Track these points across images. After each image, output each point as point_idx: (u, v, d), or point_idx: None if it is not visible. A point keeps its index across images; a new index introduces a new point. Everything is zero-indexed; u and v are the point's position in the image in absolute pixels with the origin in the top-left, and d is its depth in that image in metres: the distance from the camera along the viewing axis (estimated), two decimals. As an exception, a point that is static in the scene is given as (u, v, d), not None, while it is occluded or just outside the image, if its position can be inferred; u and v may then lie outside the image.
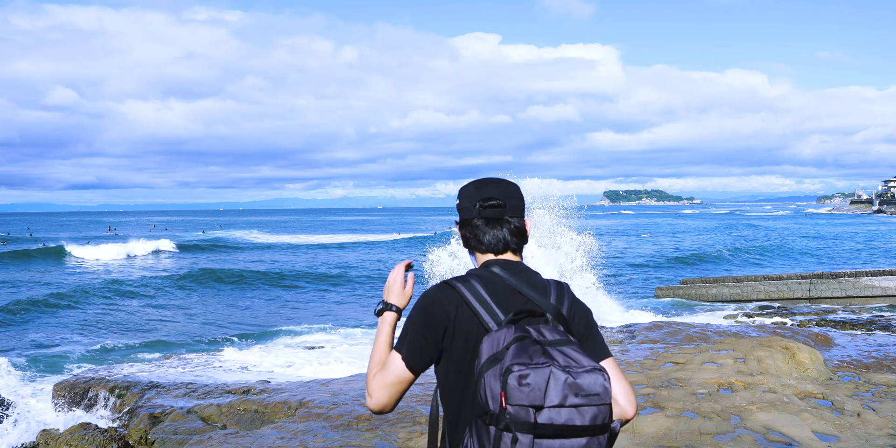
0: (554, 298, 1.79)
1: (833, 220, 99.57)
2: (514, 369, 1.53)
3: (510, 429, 1.51)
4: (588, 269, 15.48)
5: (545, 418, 1.51)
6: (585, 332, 1.81)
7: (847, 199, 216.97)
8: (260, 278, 28.30)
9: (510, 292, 1.77)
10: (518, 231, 1.88)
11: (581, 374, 1.55)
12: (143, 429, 7.18)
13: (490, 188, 1.88)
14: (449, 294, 1.77)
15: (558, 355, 1.58)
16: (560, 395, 1.52)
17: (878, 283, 19.44)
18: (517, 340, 1.59)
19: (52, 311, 19.26)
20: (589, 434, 1.54)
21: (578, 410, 1.53)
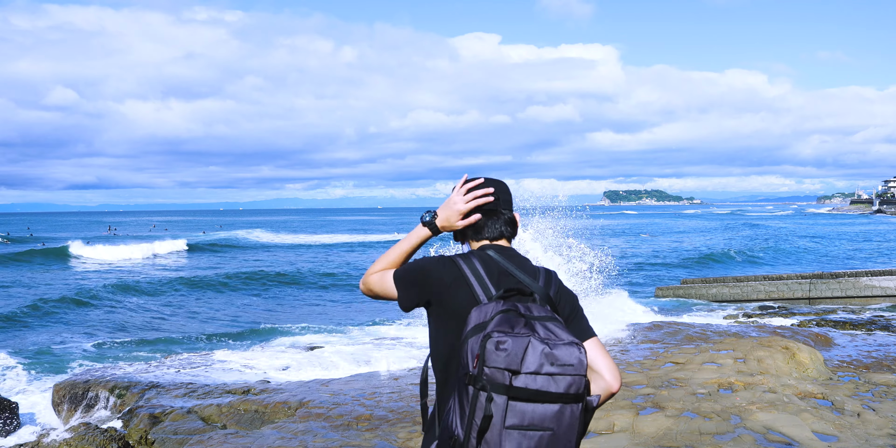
0: (543, 282, 1.96)
1: (841, 219, 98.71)
2: (493, 335, 1.69)
3: (486, 389, 1.66)
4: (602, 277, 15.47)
5: (521, 382, 1.66)
6: (571, 314, 1.98)
7: (847, 199, 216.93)
8: (262, 278, 28.30)
9: (503, 273, 1.94)
10: (510, 221, 2.08)
11: (559, 345, 1.70)
12: (143, 429, 7.18)
13: (484, 184, 2.07)
14: (448, 266, 1.96)
15: (540, 328, 1.74)
16: (537, 363, 1.66)
17: (878, 283, 19.44)
18: (502, 312, 1.76)
19: (53, 311, 19.26)
20: (562, 401, 1.68)
21: (553, 379, 1.67)
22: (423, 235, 2.08)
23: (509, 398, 1.66)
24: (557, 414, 1.69)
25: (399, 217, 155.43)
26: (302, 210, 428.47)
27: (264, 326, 16.68)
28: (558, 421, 1.69)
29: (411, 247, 2.08)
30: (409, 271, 1.99)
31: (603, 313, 14.67)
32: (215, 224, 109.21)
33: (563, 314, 1.94)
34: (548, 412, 1.68)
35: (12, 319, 17.42)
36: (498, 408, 1.66)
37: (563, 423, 1.70)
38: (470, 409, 1.68)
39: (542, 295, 1.89)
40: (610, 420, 6.57)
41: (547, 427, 1.68)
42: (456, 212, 2.02)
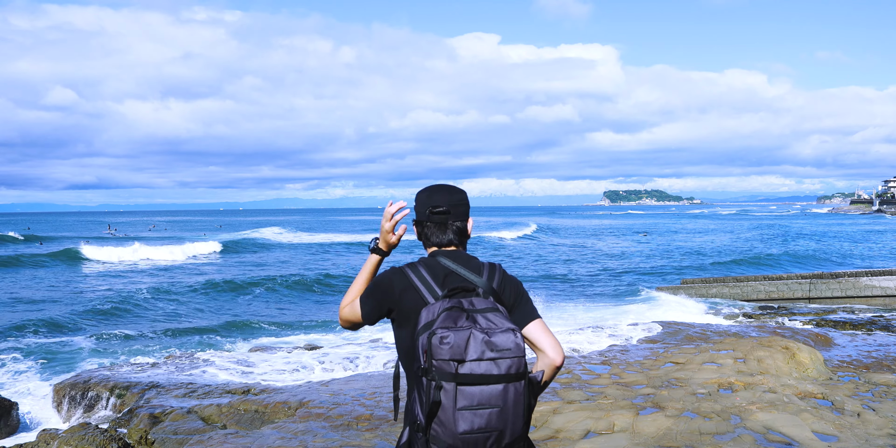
0: (486, 276, 2.21)
1: (855, 220, 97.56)
2: (437, 332, 1.96)
3: (435, 379, 1.93)
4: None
5: (466, 369, 1.93)
6: (515, 300, 2.23)
7: (847, 199, 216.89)
8: (267, 278, 28.29)
9: (448, 274, 2.20)
10: (459, 231, 2.32)
11: (496, 333, 1.97)
12: (143, 429, 7.18)
13: (439, 197, 2.31)
14: (397, 276, 2.22)
15: (481, 320, 2.01)
16: (478, 351, 1.93)
17: (878, 283, 19.44)
18: (447, 310, 2.02)
19: (55, 311, 19.26)
20: (505, 381, 1.95)
21: (495, 363, 1.94)
22: (375, 261, 2.40)
23: (458, 384, 1.93)
24: (502, 392, 1.95)
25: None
26: (302, 210, 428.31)
27: (266, 326, 16.68)
28: (504, 398, 1.95)
29: (368, 273, 2.38)
30: (368, 290, 2.29)
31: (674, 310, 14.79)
32: (214, 224, 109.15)
33: (507, 302, 2.20)
34: (494, 392, 1.94)
35: (13, 320, 17.43)
36: (448, 394, 1.93)
37: (508, 399, 1.96)
38: (426, 397, 1.96)
39: (486, 288, 2.15)
40: (610, 420, 6.57)
41: (494, 404, 1.94)
42: (385, 232, 2.37)
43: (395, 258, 38.28)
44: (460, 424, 1.94)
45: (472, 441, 1.96)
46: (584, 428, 6.43)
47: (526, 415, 2.02)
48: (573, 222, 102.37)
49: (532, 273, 29.74)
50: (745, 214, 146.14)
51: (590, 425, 6.49)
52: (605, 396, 7.49)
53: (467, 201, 2.36)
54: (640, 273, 29.40)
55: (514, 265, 34.31)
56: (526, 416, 2.02)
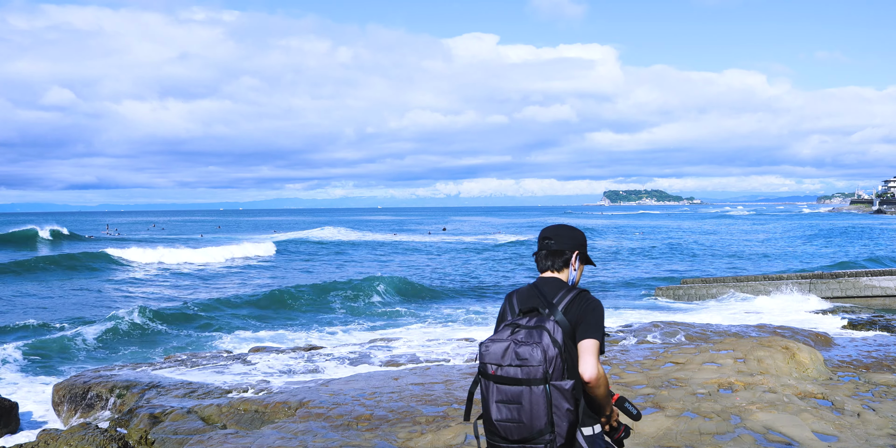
0: (557, 299, 2.69)
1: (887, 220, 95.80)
2: (485, 342, 2.56)
3: (482, 375, 2.56)
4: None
5: (502, 372, 2.48)
6: (578, 321, 2.63)
7: (847, 199, 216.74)
8: (274, 278, 28.32)
9: (530, 296, 2.76)
10: (550, 254, 2.84)
11: (522, 345, 2.47)
12: (143, 429, 7.18)
13: (549, 231, 2.86)
14: (507, 298, 2.85)
15: (522, 334, 2.51)
16: (509, 358, 2.46)
17: (878, 283, 19.44)
18: (506, 325, 2.60)
19: (57, 311, 19.27)
20: (525, 384, 2.45)
21: (520, 369, 2.45)
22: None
23: (494, 382, 2.51)
24: (523, 392, 2.46)
25: (399, 217, 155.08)
26: (303, 210, 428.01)
27: (266, 326, 16.69)
28: (524, 397, 2.46)
29: None
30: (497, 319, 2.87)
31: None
32: (214, 225, 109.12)
33: (573, 321, 2.63)
34: (517, 391, 2.47)
35: (14, 319, 17.43)
36: (489, 389, 2.52)
37: (526, 398, 2.46)
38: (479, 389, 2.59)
39: (550, 307, 2.66)
40: (610, 420, 6.57)
41: (517, 401, 2.47)
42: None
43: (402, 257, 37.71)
44: (494, 413, 2.52)
45: (504, 428, 2.51)
46: (584, 428, 6.43)
47: (549, 413, 2.46)
48: (610, 222, 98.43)
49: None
50: (768, 214, 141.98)
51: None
52: (605, 396, 7.48)
53: (577, 237, 2.87)
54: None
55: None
56: (549, 415, 2.46)
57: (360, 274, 29.42)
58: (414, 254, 42.76)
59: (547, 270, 2.84)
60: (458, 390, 8.01)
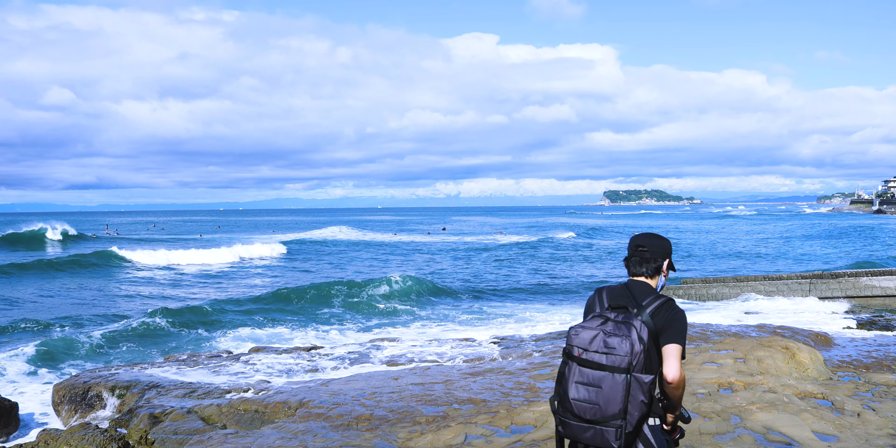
0: (646, 302, 2.91)
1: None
2: (575, 327, 2.84)
3: (566, 356, 2.82)
4: None
5: (587, 356, 2.73)
6: (663, 326, 2.85)
7: (847, 199, 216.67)
8: (280, 277, 28.31)
9: (619, 295, 2.97)
10: (655, 267, 3.05)
11: (613, 336, 2.72)
12: (143, 429, 7.18)
13: (643, 240, 3.08)
14: (594, 294, 3.06)
15: (611, 325, 2.77)
16: (597, 345, 2.72)
17: (878, 283, 19.44)
18: (595, 316, 2.86)
19: (61, 311, 19.27)
20: (609, 370, 2.69)
21: (607, 356, 2.69)
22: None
23: (578, 364, 2.76)
24: (604, 377, 2.69)
25: (400, 217, 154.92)
26: (303, 210, 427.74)
27: (266, 327, 16.68)
28: (604, 382, 2.69)
29: None
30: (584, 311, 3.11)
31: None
32: (214, 225, 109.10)
33: (658, 325, 2.85)
34: (599, 375, 2.70)
35: (16, 319, 17.43)
36: (571, 370, 2.77)
37: (607, 384, 2.68)
38: (562, 372, 2.83)
39: (638, 308, 2.87)
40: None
41: (597, 384, 2.70)
42: None
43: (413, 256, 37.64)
44: (572, 392, 2.76)
45: (579, 407, 2.74)
46: (584, 428, 6.43)
47: (624, 401, 2.68)
48: (610, 222, 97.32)
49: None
50: (771, 214, 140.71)
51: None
52: (605, 396, 7.49)
53: (666, 246, 3.09)
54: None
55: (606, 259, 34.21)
56: (625, 402, 2.68)
57: (361, 274, 29.43)
58: (414, 254, 42.75)
59: (640, 276, 3.05)
60: (458, 390, 8.01)
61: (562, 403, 2.80)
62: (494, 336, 13.16)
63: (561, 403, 2.80)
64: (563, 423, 2.80)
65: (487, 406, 7.31)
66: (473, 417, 6.92)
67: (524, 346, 11.64)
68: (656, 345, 2.82)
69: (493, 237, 60.10)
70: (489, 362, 10.03)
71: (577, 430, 2.76)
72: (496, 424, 6.70)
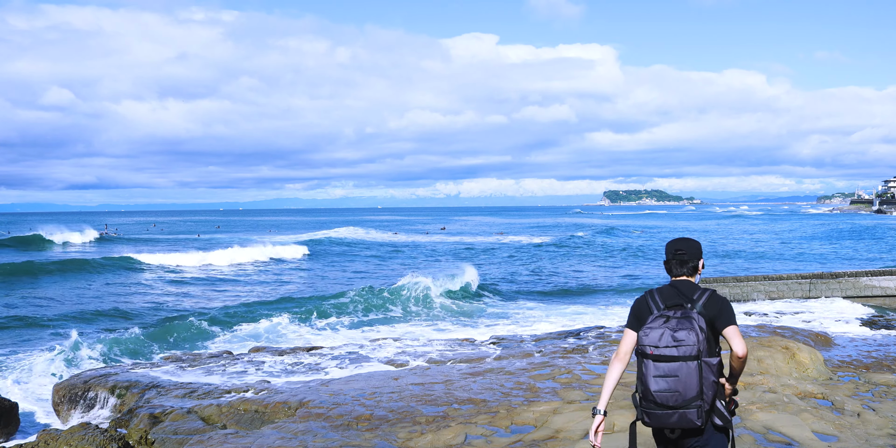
0: (696, 297, 3.29)
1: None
2: (644, 329, 3.20)
3: (640, 355, 3.17)
4: None
5: (659, 352, 3.11)
6: (717, 314, 3.24)
7: (847, 198, 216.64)
8: (288, 276, 28.31)
9: (671, 295, 3.33)
10: (692, 268, 3.44)
11: (678, 330, 3.11)
12: (143, 429, 7.18)
13: (681, 244, 3.46)
14: (640, 299, 3.41)
15: (673, 322, 3.15)
16: (665, 341, 3.11)
17: (878, 283, 19.43)
18: (657, 317, 3.22)
19: (61, 312, 19.27)
20: (680, 360, 3.08)
21: (676, 348, 3.09)
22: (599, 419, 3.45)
23: (653, 361, 3.12)
24: (679, 367, 3.08)
25: (406, 216, 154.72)
26: (303, 210, 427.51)
27: (265, 326, 16.67)
28: (680, 371, 3.08)
29: (605, 396, 3.44)
30: (630, 314, 3.43)
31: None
32: (213, 225, 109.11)
33: (711, 314, 3.23)
34: (673, 366, 3.09)
35: (18, 320, 17.43)
36: (647, 367, 3.14)
37: (682, 372, 3.08)
38: (639, 370, 3.18)
39: (691, 303, 3.26)
40: (610, 420, 6.56)
41: (674, 374, 3.09)
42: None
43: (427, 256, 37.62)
44: (653, 385, 3.12)
45: (661, 397, 3.11)
46: (584, 428, 6.43)
47: (700, 384, 3.09)
48: (621, 222, 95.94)
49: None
50: (776, 214, 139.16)
51: (590, 425, 6.48)
52: (605, 396, 7.49)
53: (699, 248, 3.47)
54: None
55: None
56: (700, 385, 3.08)
57: (369, 274, 29.44)
58: (416, 252, 42.76)
59: (682, 276, 3.45)
60: (458, 390, 8.01)
61: (644, 397, 3.17)
62: (494, 336, 13.17)
63: (644, 397, 3.18)
64: (649, 413, 3.20)
65: (487, 406, 7.31)
66: (473, 417, 6.92)
67: (524, 346, 11.64)
68: (713, 331, 3.23)
69: (495, 237, 59.99)
70: (489, 362, 10.03)
71: (663, 417, 3.16)
72: (496, 424, 6.70)
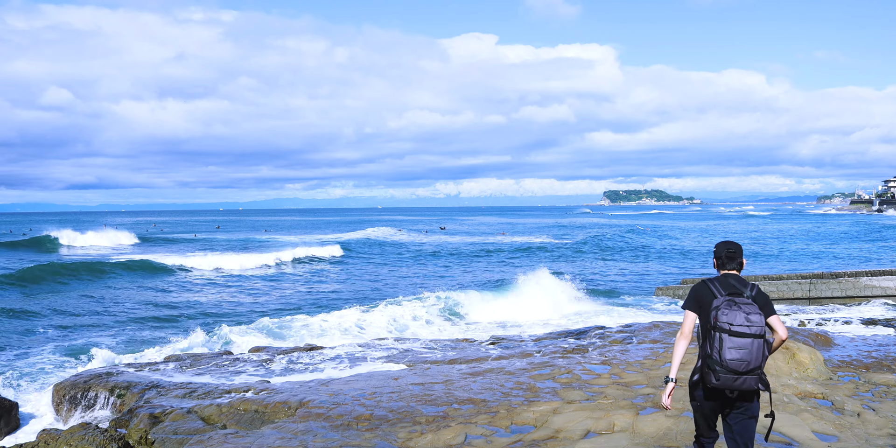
0: (748, 288, 4.03)
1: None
2: (721, 309, 3.88)
3: (719, 330, 3.84)
4: None
5: (735, 328, 3.79)
6: (763, 304, 3.99)
7: (847, 198, 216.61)
8: (303, 277, 28.30)
9: (728, 285, 4.05)
10: (739, 263, 4.21)
11: (752, 314, 3.82)
12: (143, 429, 7.18)
13: (731, 245, 4.22)
14: (701, 286, 4.16)
15: (744, 307, 3.86)
16: (741, 320, 3.80)
17: (878, 283, 19.44)
18: (725, 301, 3.91)
19: (63, 312, 19.26)
20: (751, 337, 3.78)
21: (749, 327, 3.78)
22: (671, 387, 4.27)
23: (729, 335, 3.80)
24: (750, 342, 3.79)
25: (399, 217, 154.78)
26: (303, 210, 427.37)
27: (265, 327, 16.67)
28: (751, 345, 3.80)
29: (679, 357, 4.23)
30: (689, 297, 4.19)
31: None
32: (213, 224, 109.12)
33: (759, 303, 3.97)
34: (746, 341, 3.79)
35: (20, 320, 17.43)
36: (724, 339, 3.82)
37: (754, 346, 3.80)
38: (713, 342, 3.87)
39: (747, 294, 3.99)
40: (610, 420, 6.57)
41: (745, 348, 3.79)
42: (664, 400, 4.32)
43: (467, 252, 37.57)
44: (727, 354, 3.81)
45: (734, 364, 3.80)
46: (584, 428, 6.43)
47: (762, 357, 3.82)
48: (631, 222, 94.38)
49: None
50: (782, 214, 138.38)
51: (590, 425, 6.48)
52: (605, 396, 7.49)
53: (741, 248, 4.24)
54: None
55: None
56: (762, 358, 3.83)
57: (381, 277, 29.40)
58: (423, 254, 42.77)
59: (732, 270, 4.16)
60: (458, 390, 8.01)
61: (718, 363, 3.83)
62: (494, 336, 13.17)
63: (717, 363, 3.83)
64: (718, 376, 3.84)
65: (487, 406, 7.31)
66: (473, 417, 6.92)
67: (524, 347, 11.65)
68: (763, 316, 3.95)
69: (497, 238, 59.84)
70: (489, 362, 10.03)
71: (730, 380, 3.84)
72: (496, 424, 6.70)
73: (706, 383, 3.93)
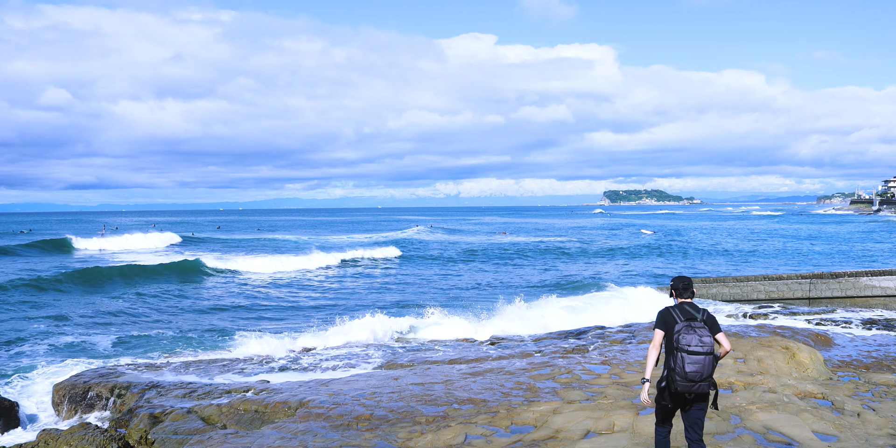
0: (701, 314, 4.98)
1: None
2: (681, 333, 4.91)
3: (680, 351, 4.88)
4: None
5: (692, 349, 4.84)
6: (712, 325, 4.95)
7: (847, 198, 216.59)
8: (316, 280, 28.28)
9: (684, 311, 5.01)
10: (692, 293, 5.13)
11: (704, 336, 4.87)
12: (143, 429, 7.18)
13: (686, 280, 5.17)
14: (668, 311, 5.07)
15: (699, 330, 4.89)
16: (696, 342, 4.85)
17: (878, 283, 19.43)
18: (684, 326, 4.91)
19: (63, 313, 19.26)
20: (703, 354, 4.84)
21: (702, 347, 4.84)
22: (646, 386, 5.20)
23: (687, 353, 4.81)
24: (703, 358, 4.81)
25: (400, 217, 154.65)
26: (303, 210, 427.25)
27: (265, 327, 16.69)
28: (704, 360, 4.81)
29: (653, 360, 5.12)
30: (658, 321, 5.08)
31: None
32: (212, 224, 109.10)
33: (709, 325, 4.93)
34: (699, 357, 4.80)
35: (21, 319, 17.44)
36: (684, 357, 4.82)
37: (706, 361, 4.82)
38: (676, 359, 4.87)
39: (700, 318, 4.94)
40: (610, 420, 6.57)
41: (699, 363, 4.80)
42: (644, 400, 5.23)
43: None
44: (688, 368, 4.79)
45: (692, 375, 4.78)
46: (584, 428, 6.43)
47: (712, 368, 4.86)
48: (644, 221, 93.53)
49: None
50: (791, 214, 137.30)
51: (590, 425, 6.48)
52: (605, 396, 7.49)
53: (692, 281, 5.22)
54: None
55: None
56: (713, 369, 4.87)
57: (396, 281, 29.35)
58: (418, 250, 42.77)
59: (688, 298, 5.09)
60: (458, 390, 8.01)
61: (680, 374, 4.82)
62: (494, 336, 13.16)
63: (679, 374, 4.82)
64: (679, 384, 4.85)
65: (487, 406, 7.31)
66: (473, 417, 6.92)
67: (524, 347, 11.64)
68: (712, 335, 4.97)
69: (540, 238, 58.93)
70: (489, 362, 10.02)
71: (689, 387, 4.83)
72: (496, 424, 6.70)
73: (671, 389, 4.96)
